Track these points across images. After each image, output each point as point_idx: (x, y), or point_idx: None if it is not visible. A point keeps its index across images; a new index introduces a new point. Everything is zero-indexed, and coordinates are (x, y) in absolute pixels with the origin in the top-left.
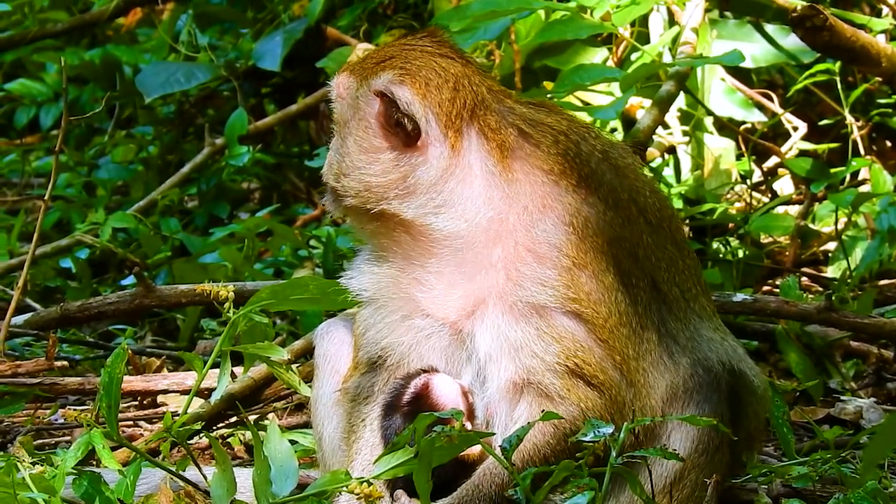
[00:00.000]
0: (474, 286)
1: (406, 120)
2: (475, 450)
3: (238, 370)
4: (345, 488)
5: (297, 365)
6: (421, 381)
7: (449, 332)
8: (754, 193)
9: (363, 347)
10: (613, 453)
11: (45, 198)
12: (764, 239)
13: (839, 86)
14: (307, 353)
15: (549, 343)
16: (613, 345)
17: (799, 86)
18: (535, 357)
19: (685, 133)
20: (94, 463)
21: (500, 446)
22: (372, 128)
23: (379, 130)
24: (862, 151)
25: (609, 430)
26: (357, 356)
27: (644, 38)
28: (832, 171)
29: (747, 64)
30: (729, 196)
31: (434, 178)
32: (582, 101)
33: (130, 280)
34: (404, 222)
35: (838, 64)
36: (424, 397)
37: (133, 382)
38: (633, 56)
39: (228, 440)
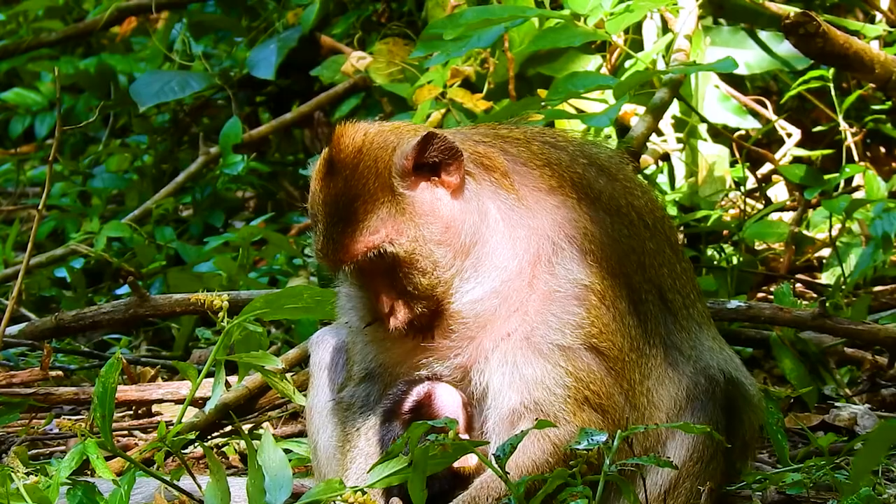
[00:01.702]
0: (501, 330)
1: (443, 160)
2: (472, 462)
3: (233, 379)
4: (339, 497)
5: (292, 374)
6: (424, 390)
7: (458, 368)
8: (748, 200)
9: (359, 362)
10: (607, 461)
11: (40, 207)
12: (758, 246)
13: (833, 92)
14: (302, 362)
15: (563, 377)
16: (623, 373)
17: (793, 92)
18: (547, 390)
19: (679, 140)
20: (89, 473)
21: (493, 454)
22: (429, 206)
23: (433, 200)
24: (856, 158)
25: (603, 437)
26: (352, 367)
27: (638, 45)
28: (826, 177)
29: (741, 71)
30: (723, 203)
31: (471, 228)
32: (576, 109)
33: (125, 289)
34: (448, 311)
35: (832, 70)
36: (426, 406)
37: (128, 392)
38: (627, 63)
39: (223, 449)
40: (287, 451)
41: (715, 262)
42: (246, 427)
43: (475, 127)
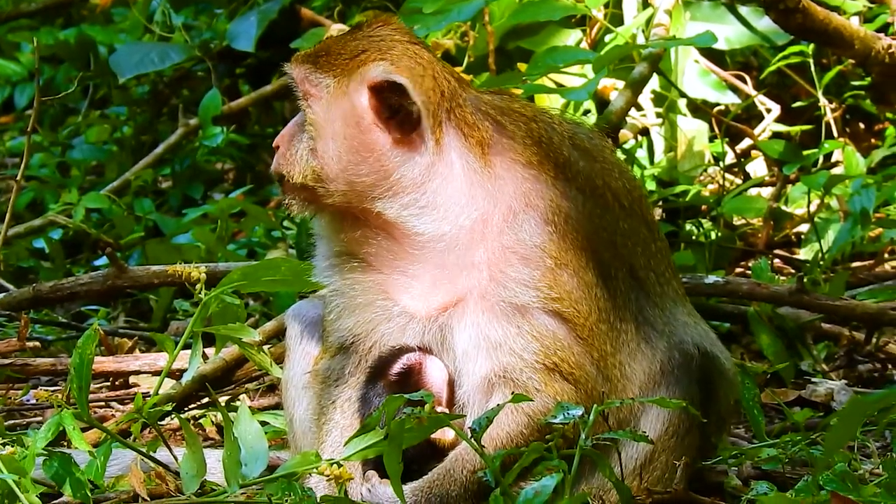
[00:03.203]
0: (455, 286)
1: (403, 112)
2: (449, 436)
3: (210, 351)
4: (315, 470)
5: (269, 346)
6: (415, 358)
7: (426, 328)
8: (727, 175)
9: (334, 332)
10: (583, 435)
11: (18, 178)
12: (736, 221)
13: (812, 68)
14: (279, 335)
15: (529, 342)
16: (592, 342)
17: (772, 68)
18: (514, 355)
19: (658, 115)
20: (65, 444)
21: (469, 428)
22: (363, 124)
23: (372, 126)
24: (835, 133)
25: (579, 412)
26: (327, 339)
27: (617, 19)
28: (805, 153)
29: (721, 46)
30: (702, 178)
31: (419, 177)
32: (555, 83)
33: (103, 261)
34: (386, 224)
35: (812, 46)
36: (414, 374)
37: (105, 363)
38: (607, 38)
39: (200, 421)
40: (263, 423)
41: (693, 237)
42: (223, 399)
43: (498, 93)
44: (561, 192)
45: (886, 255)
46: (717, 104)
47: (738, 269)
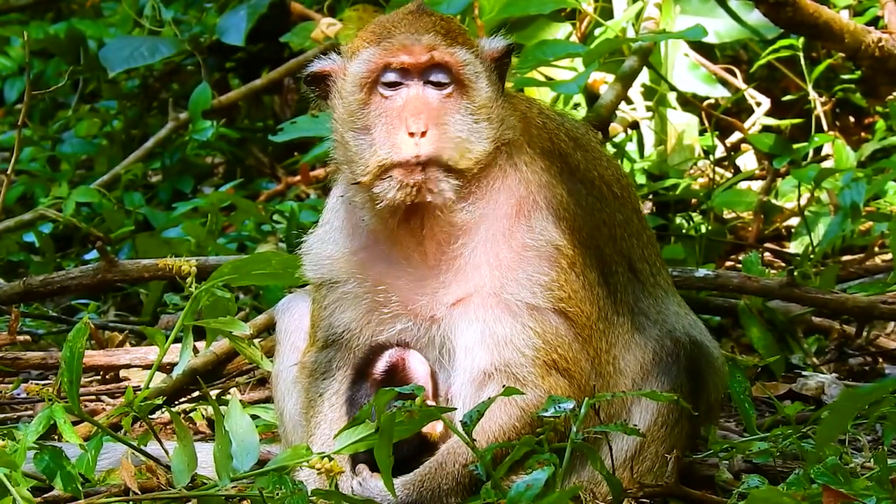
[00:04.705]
0: (467, 283)
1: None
2: (439, 429)
3: (200, 345)
4: (306, 463)
5: (259, 340)
6: (395, 355)
7: (423, 324)
8: (717, 169)
9: (323, 328)
10: (574, 428)
11: (9, 172)
12: (727, 214)
13: (802, 62)
14: (269, 328)
15: (532, 338)
16: (590, 341)
17: (762, 61)
18: (516, 351)
19: (648, 108)
20: (56, 437)
21: (460, 421)
22: (495, 90)
23: (499, 91)
24: (825, 127)
25: (570, 405)
26: (315, 333)
27: (607, 13)
28: (795, 146)
29: (711, 39)
30: (692, 171)
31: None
32: (545, 77)
33: (94, 255)
34: (433, 217)
35: (802, 40)
36: (396, 371)
37: (95, 357)
38: (597, 31)
39: (190, 415)
40: (254, 417)
41: (683, 231)
42: (213, 393)
43: None
44: (567, 187)
45: (877, 249)
46: (707, 98)
47: (729, 263)
